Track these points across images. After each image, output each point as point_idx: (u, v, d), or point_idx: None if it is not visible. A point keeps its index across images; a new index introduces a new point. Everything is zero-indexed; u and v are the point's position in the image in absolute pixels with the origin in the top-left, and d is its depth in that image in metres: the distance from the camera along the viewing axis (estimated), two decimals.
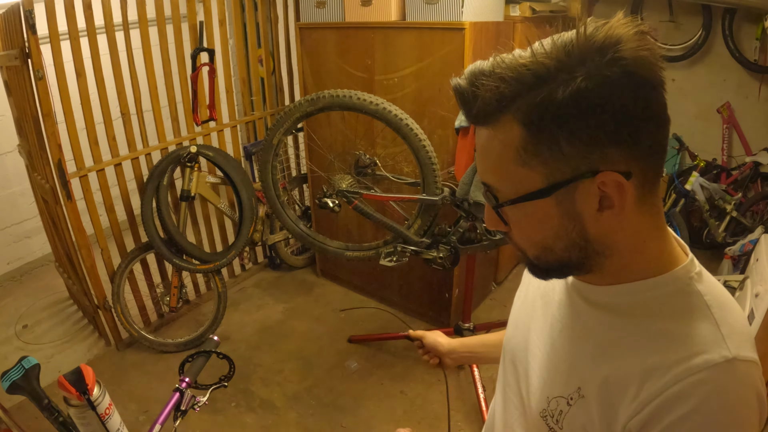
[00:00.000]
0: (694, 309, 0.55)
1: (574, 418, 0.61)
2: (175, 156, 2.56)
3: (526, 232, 0.58)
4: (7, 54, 2.21)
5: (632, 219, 0.54)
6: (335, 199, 2.11)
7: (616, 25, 0.49)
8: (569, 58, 0.48)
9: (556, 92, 0.47)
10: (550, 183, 0.52)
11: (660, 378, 0.52)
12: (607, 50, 0.47)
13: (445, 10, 2.14)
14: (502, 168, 0.53)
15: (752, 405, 0.52)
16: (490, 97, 0.51)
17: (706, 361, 0.51)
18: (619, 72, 0.47)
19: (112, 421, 0.91)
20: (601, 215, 0.53)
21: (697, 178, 2.96)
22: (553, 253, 0.57)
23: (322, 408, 2.27)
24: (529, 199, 0.53)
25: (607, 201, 0.52)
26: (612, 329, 0.60)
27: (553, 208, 0.53)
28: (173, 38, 2.56)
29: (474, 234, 2.05)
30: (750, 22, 2.76)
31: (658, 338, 0.55)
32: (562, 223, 0.54)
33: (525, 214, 0.55)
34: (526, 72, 0.49)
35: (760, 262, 2.16)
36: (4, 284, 3.39)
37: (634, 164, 0.50)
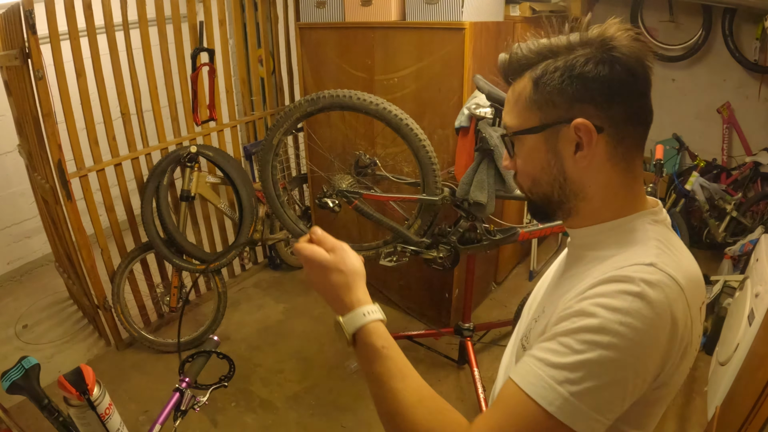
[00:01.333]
0: (637, 240, 0.67)
1: (535, 332, 0.72)
2: (175, 156, 2.56)
3: (524, 164, 0.73)
4: (7, 54, 2.21)
5: (603, 170, 0.68)
6: (335, 199, 2.11)
7: (610, 24, 0.67)
8: (573, 42, 0.67)
9: (557, 61, 0.67)
10: (542, 123, 0.69)
11: (590, 281, 0.63)
12: (604, 40, 0.65)
13: (445, 10, 2.14)
14: (516, 111, 0.71)
15: (664, 312, 0.58)
16: (517, 63, 0.71)
17: (628, 262, 0.62)
18: (606, 56, 0.64)
19: (112, 421, 0.91)
20: (575, 157, 0.67)
21: (697, 178, 2.96)
22: (541, 186, 0.72)
23: (322, 408, 2.27)
24: (526, 133, 0.70)
25: (580, 145, 0.67)
26: (575, 262, 0.74)
27: (542, 144, 0.69)
28: (173, 38, 2.56)
29: (474, 234, 2.05)
30: (750, 22, 2.76)
31: (601, 260, 0.68)
32: (548, 158, 0.70)
33: (524, 148, 0.72)
34: (545, 48, 0.68)
35: (760, 262, 2.16)
36: (4, 284, 3.40)
37: (608, 123, 0.66)
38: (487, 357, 2.51)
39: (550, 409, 0.57)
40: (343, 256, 0.72)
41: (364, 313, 0.68)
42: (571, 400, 0.57)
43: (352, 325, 0.68)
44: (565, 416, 0.57)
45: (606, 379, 0.57)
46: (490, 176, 1.89)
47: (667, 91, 3.16)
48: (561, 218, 0.75)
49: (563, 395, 0.57)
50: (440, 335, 2.48)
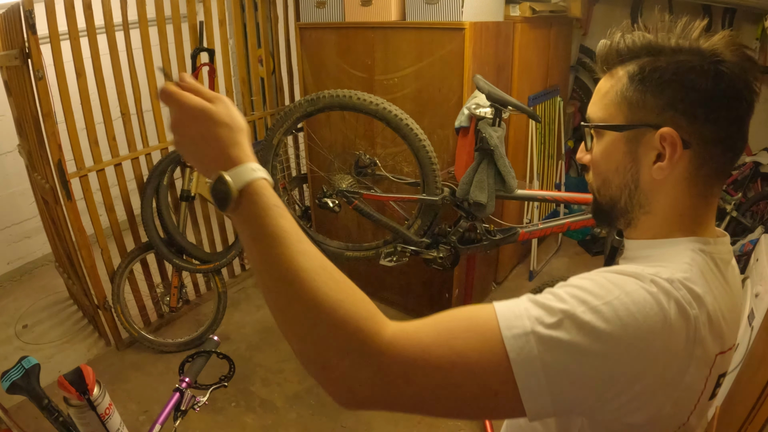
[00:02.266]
0: (675, 259, 0.61)
1: None
2: (175, 156, 2.56)
3: (598, 162, 0.69)
4: (7, 54, 2.21)
5: (677, 189, 0.63)
6: (335, 199, 2.11)
7: (721, 36, 0.61)
8: (681, 48, 0.62)
9: (659, 60, 0.62)
10: (628, 122, 0.64)
11: None
12: (714, 51, 0.60)
13: (445, 10, 2.14)
14: (604, 104, 0.67)
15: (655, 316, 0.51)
16: (616, 53, 0.66)
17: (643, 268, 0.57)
18: (713, 69, 0.59)
19: (112, 421, 0.91)
20: (653, 168, 0.62)
21: None
22: (610, 188, 0.68)
23: (322, 408, 2.27)
24: (608, 129, 0.66)
25: (662, 156, 0.62)
26: None
27: (622, 144, 0.65)
28: (173, 38, 2.56)
29: (474, 234, 2.05)
30: (750, 22, 2.76)
31: None
32: (624, 161, 0.65)
33: (602, 142, 0.68)
34: (649, 44, 0.64)
35: (760, 262, 2.16)
36: (4, 284, 3.39)
37: (696, 140, 0.60)
38: None
39: (506, 334, 0.51)
40: (229, 108, 0.61)
41: (252, 168, 0.57)
42: (531, 340, 0.50)
43: (241, 179, 0.56)
44: (516, 354, 0.50)
45: (575, 340, 0.50)
46: (490, 176, 1.89)
47: None
48: (621, 226, 0.71)
49: (526, 328, 0.51)
50: None
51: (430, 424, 2.17)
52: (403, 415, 2.20)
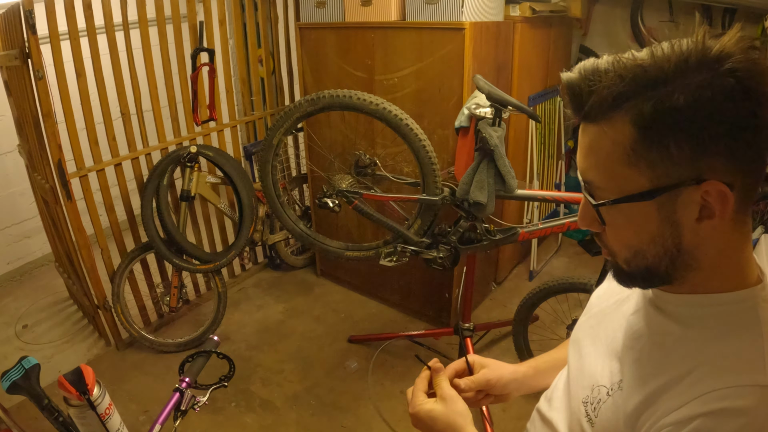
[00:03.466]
0: (745, 331, 0.54)
1: (609, 409, 0.63)
2: (175, 156, 2.56)
3: (622, 234, 0.58)
4: (7, 54, 2.21)
5: (725, 233, 0.54)
6: (335, 199, 2.11)
7: (730, 37, 0.49)
8: (687, 65, 0.49)
9: (672, 96, 0.48)
10: (655, 186, 0.52)
11: (690, 386, 0.53)
12: (723, 61, 0.48)
13: (445, 10, 2.14)
14: (608, 167, 0.54)
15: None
16: (606, 94, 0.51)
17: (738, 380, 0.51)
18: (733, 83, 0.47)
19: (112, 421, 0.91)
20: (699, 225, 0.53)
21: None
22: (645, 259, 0.57)
23: (322, 408, 2.27)
24: (632, 201, 0.53)
25: (707, 211, 0.52)
26: (667, 335, 0.60)
27: (653, 213, 0.53)
28: (173, 38, 2.56)
29: (474, 234, 2.05)
30: (750, 22, 2.76)
31: (701, 347, 0.56)
32: (660, 229, 0.54)
33: (624, 216, 0.56)
34: (644, 73, 0.49)
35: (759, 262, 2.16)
36: (4, 284, 3.39)
37: (738, 176, 0.50)
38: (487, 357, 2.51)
39: None
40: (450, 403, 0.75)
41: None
42: None
43: None
44: None
45: None
46: (490, 176, 1.89)
47: None
48: (657, 285, 0.61)
49: None
50: (440, 336, 2.49)
51: None
52: (404, 415, 2.20)
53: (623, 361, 0.65)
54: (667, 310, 0.61)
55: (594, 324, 0.76)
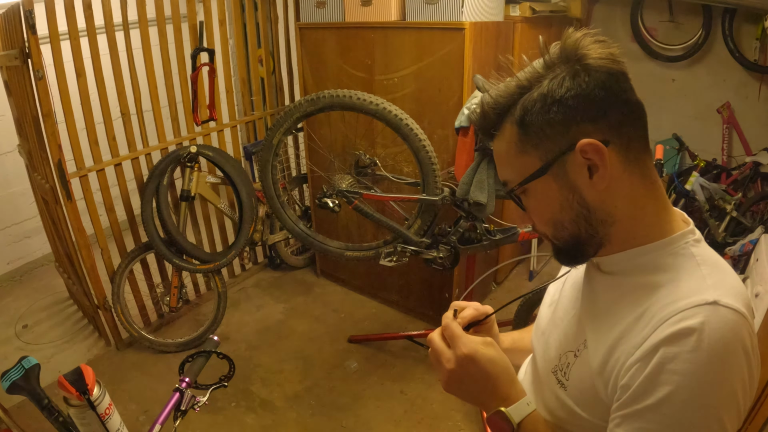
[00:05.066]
0: (684, 266, 0.63)
1: (578, 368, 0.69)
2: (175, 156, 2.56)
3: (540, 212, 0.68)
4: (7, 54, 2.21)
5: (624, 184, 0.63)
6: (335, 199, 2.11)
7: (567, 36, 0.63)
8: (543, 70, 0.64)
9: (532, 94, 0.63)
10: (544, 162, 0.64)
11: (647, 323, 0.60)
12: (571, 56, 0.62)
13: (445, 10, 2.14)
14: (509, 162, 0.67)
15: (736, 350, 0.56)
16: (492, 113, 0.67)
17: (691, 302, 0.58)
18: (579, 67, 0.61)
19: (112, 421, 0.91)
20: (593, 182, 0.63)
21: (697, 178, 2.96)
22: (564, 228, 0.66)
23: (322, 408, 2.27)
24: (533, 179, 0.65)
25: (593, 167, 0.62)
26: (613, 289, 0.68)
27: (552, 184, 0.64)
28: (173, 38, 2.56)
29: (474, 234, 2.05)
30: (750, 22, 2.76)
31: (648, 289, 0.63)
32: (563, 195, 0.64)
33: (534, 196, 0.67)
34: (513, 87, 0.65)
35: (760, 262, 2.16)
36: (4, 284, 3.39)
37: (610, 133, 0.62)
38: None
39: None
40: (497, 350, 0.70)
41: (527, 402, 0.69)
42: None
43: (520, 414, 0.68)
44: None
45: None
46: (490, 176, 1.89)
47: (667, 91, 3.15)
48: (592, 254, 0.68)
49: None
50: None
51: (430, 425, 2.17)
52: (404, 415, 2.20)
53: (583, 323, 0.72)
54: (611, 270, 0.69)
55: (552, 309, 0.83)
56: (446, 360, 0.69)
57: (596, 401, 0.65)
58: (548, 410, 0.75)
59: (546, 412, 0.76)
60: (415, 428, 2.16)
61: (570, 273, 0.83)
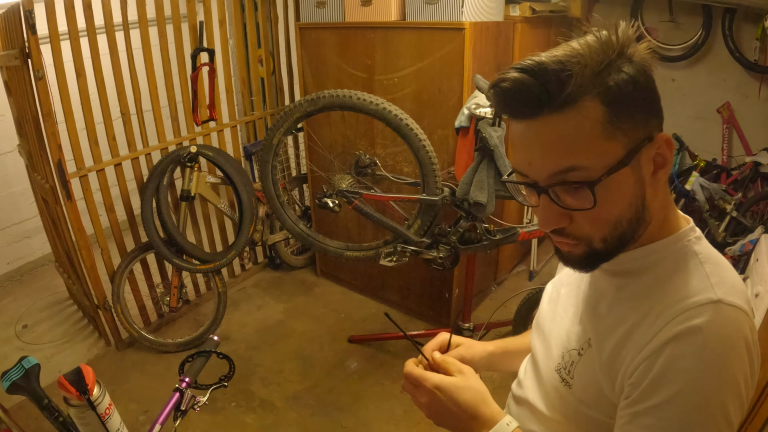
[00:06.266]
0: (687, 264, 0.63)
1: (583, 367, 0.70)
2: (175, 156, 2.56)
3: (607, 209, 0.60)
4: (7, 54, 2.21)
5: (664, 185, 0.63)
6: (335, 199, 2.11)
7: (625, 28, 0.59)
8: (620, 48, 0.57)
9: (617, 74, 0.56)
10: (628, 151, 0.58)
11: (653, 323, 0.60)
12: (628, 45, 0.58)
13: (445, 10, 2.14)
14: (590, 145, 0.57)
15: (739, 346, 0.57)
16: (571, 83, 0.56)
17: (694, 302, 0.58)
18: (642, 60, 0.59)
19: (112, 421, 0.91)
20: (656, 178, 0.61)
21: (697, 178, 2.96)
22: (622, 226, 0.61)
23: (322, 408, 2.27)
24: (619, 169, 0.58)
25: (659, 160, 0.60)
26: (618, 288, 0.68)
27: (630, 177, 0.59)
28: (173, 38, 2.56)
29: (474, 234, 2.05)
30: (750, 22, 2.76)
31: (653, 288, 0.63)
32: (634, 190, 0.60)
33: (610, 189, 0.58)
34: (596, 57, 0.56)
35: (760, 262, 2.16)
36: (4, 284, 3.39)
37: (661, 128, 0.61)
38: None
39: None
40: (469, 375, 0.74)
41: (507, 422, 0.70)
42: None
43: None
44: None
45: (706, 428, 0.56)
46: (490, 176, 1.89)
47: (667, 91, 3.15)
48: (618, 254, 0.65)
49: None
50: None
51: (430, 425, 2.16)
52: (404, 415, 2.20)
53: (587, 323, 0.72)
54: (618, 269, 0.68)
55: (552, 308, 0.83)
56: (420, 397, 0.77)
57: (602, 399, 0.66)
58: (552, 407, 0.76)
59: (550, 409, 0.76)
60: (415, 428, 2.16)
61: (567, 270, 0.83)
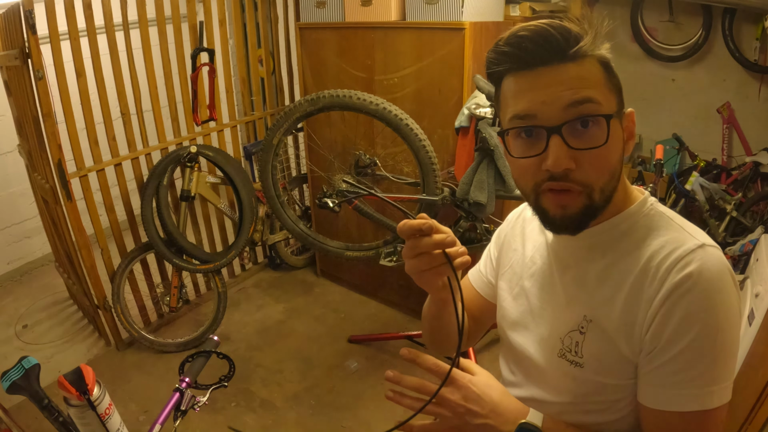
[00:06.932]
0: (660, 223, 0.70)
1: (591, 342, 0.71)
2: (175, 156, 2.56)
3: (609, 154, 0.66)
4: (7, 54, 2.21)
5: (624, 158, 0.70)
6: (335, 199, 2.11)
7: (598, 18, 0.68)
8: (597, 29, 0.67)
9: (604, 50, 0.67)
10: (618, 107, 0.67)
11: (654, 277, 0.66)
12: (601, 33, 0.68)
13: (445, 10, 2.14)
14: (600, 87, 0.66)
15: (728, 278, 0.65)
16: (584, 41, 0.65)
17: (685, 249, 0.65)
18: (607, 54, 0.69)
19: (112, 421, 0.91)
20: (626, 145, 0.69)
21: (697, 178, 2.96)
22: (614, 179, 0.67)
23: (322, 408, 2.27)
24: (618, 116, 0.67)
25: (629, 130, 0.70)
26: (599, 259, 0.72)
27: (619, 131, 0.67)
28: (173, 38, 2.56)
29: (474, 234, 2.05)
30: (750, 22, 2.76)
31: (640, 249, 0.69)
32: (621, 146, 0.68)
33: (614, 133, 0.65)
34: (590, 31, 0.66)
35: (760, 262, 2.16)
36: (4, 284, 3.39)
37: None
38: (488, 356, 2.51)
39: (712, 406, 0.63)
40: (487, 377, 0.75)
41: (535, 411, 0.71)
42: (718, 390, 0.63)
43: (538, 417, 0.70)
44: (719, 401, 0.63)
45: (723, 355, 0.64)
46: (490, 176, 1.89)
47: (667, 91, 3.15)
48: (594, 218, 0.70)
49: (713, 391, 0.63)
50: None
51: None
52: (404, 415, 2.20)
53: (576, 304, 0.74)
54: (595, 242, 0.73)
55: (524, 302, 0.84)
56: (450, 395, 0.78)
57: (620, 362, 0.68)
58: (566, 391, 0.75)
59: (558, 395, 0.76)
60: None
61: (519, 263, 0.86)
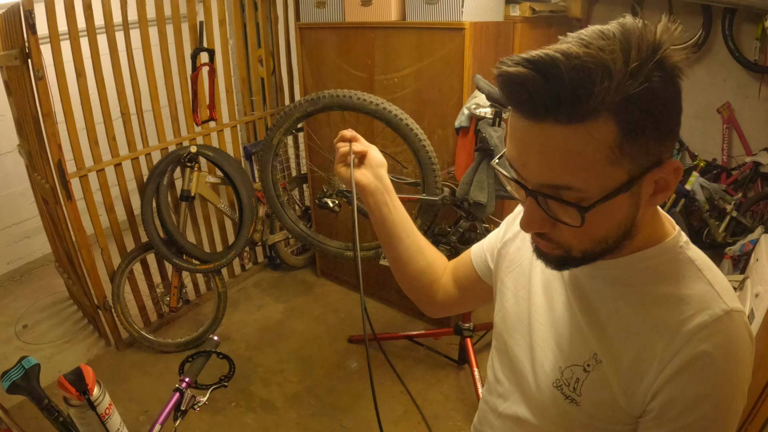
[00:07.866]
0: (688, 272, 0.61)
1: (593, 384, 0.65)
2: (175, 156, 2.56)
3: (592, 229, 0.55)
4: (7, 54, 2.21)
5: None
6: (335, 199, 2.11)
7: (666, 25, 0.50)
8: (644, 53, 0.47)
9: (643, 86, 0.47)
10: (631, 177, 0.52)
11: (672, 337, 0.58)
12: (659, 49, 0.48)
13: (445, 10, 2.14)
14: (592, 169, 0.50)
15: (749, 346, 0.58)
16: (587, 94, 0.46)
17: (710, 315, 0.57)
18: (671, 71, 0.49)
19: (112, 421, 0.91)
20: (652, 199, 0.56)
21: (697, 178, 2.96)
22: (606, 243, 0.58)
23: (322, 408, 2.27)
24: (616, 196, 0.52)
25: (662, 184, 0.55)
26: (615, 298, 0.64)
27: (626, 201, 0.54)
28: (173, 38, 2.56)
29: (474, 234, 2.05)
30: (750, 22, 2.76)
31: (662, 300, 0.60)
32: (627, 213, 0.55)
33: (602, 212, 0.53)
34: (616, 64, 0.46)
35: (760, 262, 2.16)
36: (4, 284, 3.39)
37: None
38: (488, 357, 2.51)
39: None
40: None
41: None
42: None
43: None
44: None
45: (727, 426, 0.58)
46: (490, 176, 1.89)
47: None
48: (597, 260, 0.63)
49: None
50: (440, 335, 2.49)
51: (430, 424, 2.17)
52: (404, 415, 2.20)
53: (589, 335, 0.66)
54: (611, 275, 0.64)
55: (526, 308, 0.76)
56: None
57: (617, 411, 0.63)
58: (551, 422, 0.71)
59: (547, 423, 0.72)
60: (415, 428, 2.16)
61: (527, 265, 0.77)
